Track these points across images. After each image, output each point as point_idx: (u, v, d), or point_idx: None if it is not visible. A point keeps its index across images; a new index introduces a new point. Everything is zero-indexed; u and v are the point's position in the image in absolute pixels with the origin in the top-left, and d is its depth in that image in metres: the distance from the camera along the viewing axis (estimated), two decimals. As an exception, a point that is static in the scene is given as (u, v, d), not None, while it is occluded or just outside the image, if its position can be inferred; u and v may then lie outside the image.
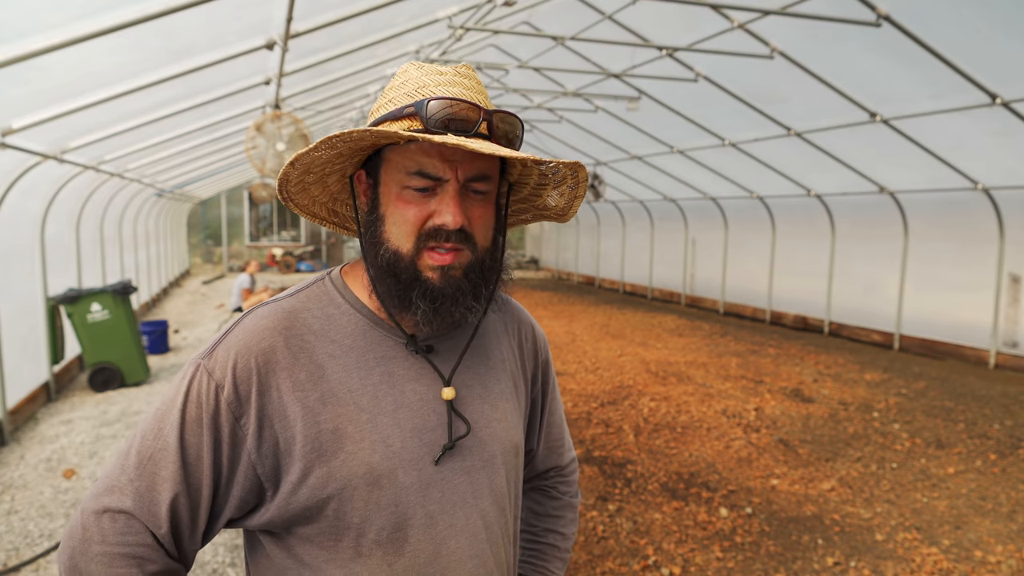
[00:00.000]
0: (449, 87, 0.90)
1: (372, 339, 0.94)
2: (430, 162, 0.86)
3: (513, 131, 0.91)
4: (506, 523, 1.00)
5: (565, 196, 1.00)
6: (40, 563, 3.33)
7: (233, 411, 0.85)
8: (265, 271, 18.57)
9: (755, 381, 6.84)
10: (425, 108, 0.85)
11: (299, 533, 0.89)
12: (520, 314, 1.14)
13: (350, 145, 0.88)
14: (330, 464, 0.86)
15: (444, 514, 0.91)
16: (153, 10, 3.37)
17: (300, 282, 1.00)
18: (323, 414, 0.87)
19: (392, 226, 0.89)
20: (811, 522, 3.81)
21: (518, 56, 9.33)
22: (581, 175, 0.94)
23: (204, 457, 0.85)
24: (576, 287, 15.88)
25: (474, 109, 0.87)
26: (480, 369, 1.01)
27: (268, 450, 0.86)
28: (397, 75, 0.95)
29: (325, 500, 0.87)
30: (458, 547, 0.92)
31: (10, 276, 5.38)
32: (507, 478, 1.00)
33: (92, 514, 0.85)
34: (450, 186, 0.87)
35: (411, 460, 0.90)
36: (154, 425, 0.87)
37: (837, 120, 7.13)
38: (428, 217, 0.87)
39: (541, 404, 1.17)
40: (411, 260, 0.88)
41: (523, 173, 0.99)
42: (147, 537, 0.84)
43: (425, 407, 0.93)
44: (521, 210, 1.08)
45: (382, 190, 0.91)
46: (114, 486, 0.85)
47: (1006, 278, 7.42)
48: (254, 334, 0.89)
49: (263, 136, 5.82)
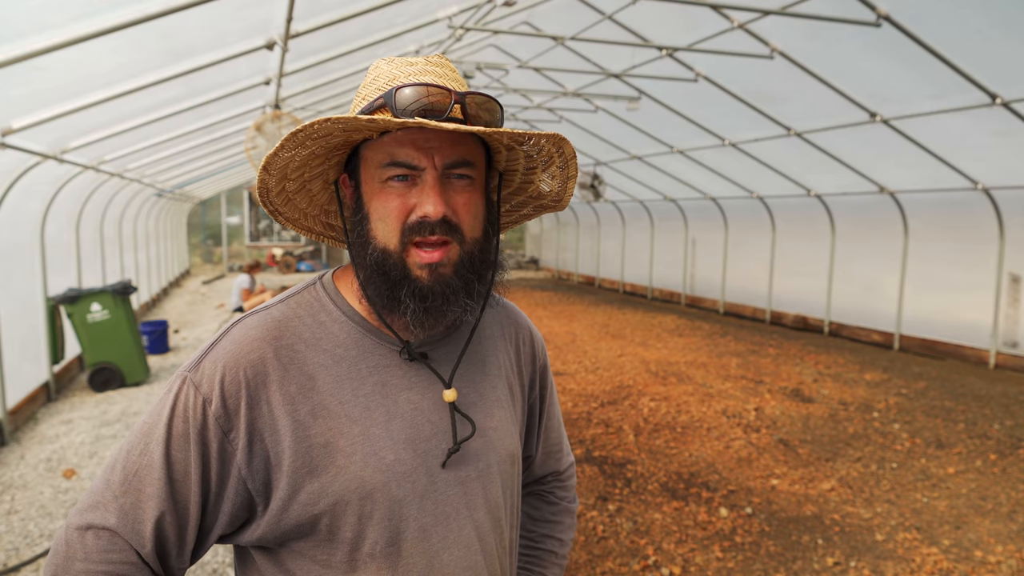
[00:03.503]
0: (420, 76, 0.87)
1: (365, 348, 0.91)
2: (404, 151, 0.83)
3: (491, 113, 0.87)
4: (501, 534, 0.98)
5: (557, 179, 0.96)
6: (40, 563, 3.33)
7: (221, 425, 0.83)
8: (264, 271, 18.57)
9: (755, 381, 6.84)
10: (394, 97, 0.83)
11: (292, 547, 0.88)
12: (517, 318, 1.12)
13: (320, 143, 0.84)
14: (321, 479, 0.84)
15: (438, 526, 0.89)
16: (153, 10, 3.37)
17: (291, 288, 0.97)
18: (314, 428, 0.85)
19: (377, 222, 0.86)
20: (811, 522, 3.81)
21: (518, 56, 9.33)
22: (567, 151, 0.90)
23: (191, 473, 0.82)
24: (576, 287, 15.88)
25: (444, 93, 0.83)
26: (476, 376, 0.98)
27: (259, 465, 0.84)
28: (369, 72, 0.92)
29: (318, 516, 0.85)
30: (451, 559, 0.90)
31: (10, 276, 5.38)
32: (503, 488, 0.98)
33: (76, 530, 0.83)
34: (428, 175, 0.84)
35: (404, 472, 0.87)
36: (140, 440, 0.84)
37: (837, 120, 7.13)
38: (411, 210, 0.84)
39: (539, 410, 1.14)
40: (399, 257, 0.85)
41: (510, 159, 0.96)
42: (131, 555, 0.82)
43: (419, 416, 0.90)
44: (520, 204, 1.05)
45: (364, 188, 0.88)
46: (99, 502, 0.83)
47: (1006, 278, 7.42)
48: (243, 345, 0.86)
49: (263, 136, 5.82)
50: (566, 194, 0.98)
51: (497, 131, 0.83)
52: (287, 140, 0.82)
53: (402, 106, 0.82)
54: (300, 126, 0.79)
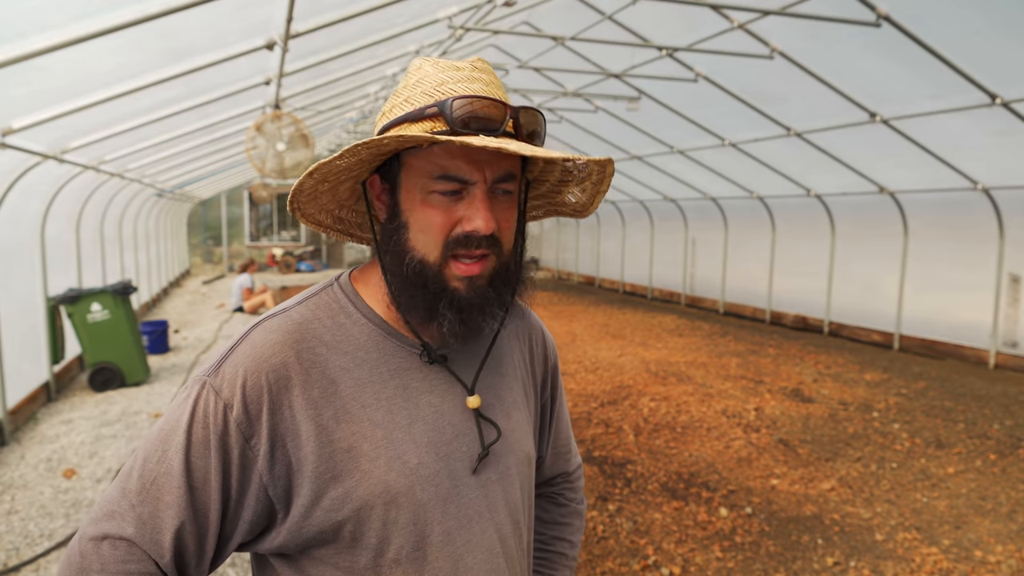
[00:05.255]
0: (469, 83, 0.85)
1: (386, 350, 0.90)
2: (456, 164, 0.81)
3: (537, 127, 0.87)
4: (520, 536, 0.97)
5: (587, 192, 0.96)
6: (40, 563, 3.33)
7: (243, 431, 0.81)
8: (264, 271, 18.57)
9: (755, 381, 6.84)
10: (450, 108, 0.81)
11: (313, 555, 0.86)
12: (530, 319, 1.12)
13: (372, 151, 0.83)
14: (345, 484, 0.82)
15: (461, 530, 0.89)
16: (153, 10, 3.37)
17: (307, 289, 0.96)
18: (337, 432, 0.84)
19: (418, 233, 0.84)
20: (811, 522, 3.81)
21: (518, 56, 9.33)
22: (609, 170, 0.90)
23: (212, 480, 0.80)
24: (576, 287, 15.88)
25: (499, 107, 0.82)
26: (494, 379, 0.98)
27: (280, 471, 0.82)
28: (410, 72, 0.89)
29: (341, 522, 0.83)
30: (475, 563, 0.90)
31: (10, 276, 5.38)
32: (521, 489, 0.97)
33: (91, 540, 0.80)
34: (478, 189, 0.82)
35: (428, 476, 0.86)
36: (158, 447, 0.82)
37: (837, 120, 7.14)
38: (455, 223, 0.83)
39: (550, 410, 1.14)
40: (438, 269, 0.84)
41: (544, 170, 0.96)
42: (149, 565, 0.79)
43: (440, 420, 0.90)
44: (535, 207, 1.04)
45: (403, 196, 0.86)
46: (115, 511, 0.80)
47: (1006, 278, 7.42)
48: (264, 349, 0.84)
49: (263, 136, 5.82)
50: (592, 206, 0.98)
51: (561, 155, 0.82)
52: (348, 151, 0.81)
53: (456, 117, 0.81)
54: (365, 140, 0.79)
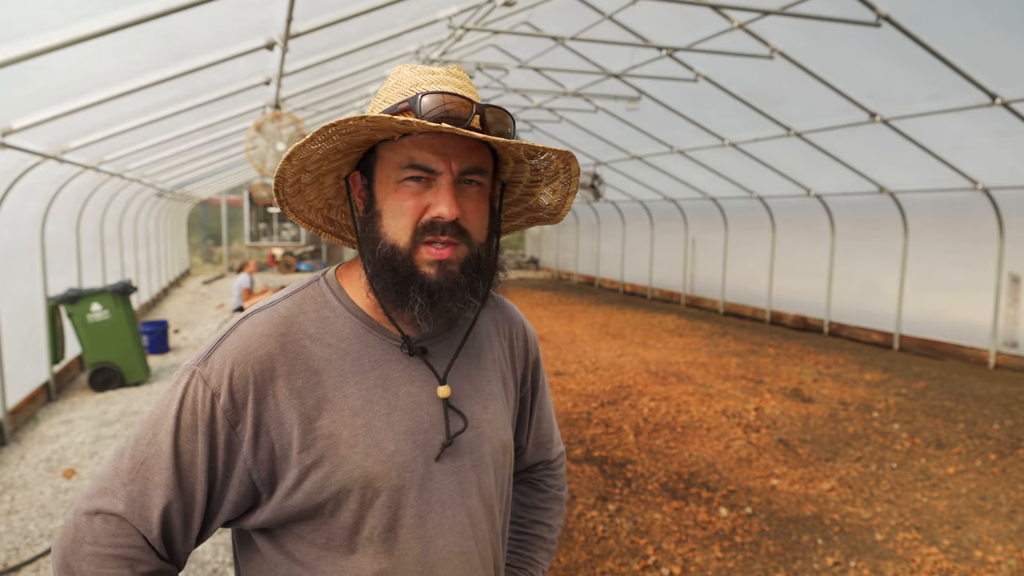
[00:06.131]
0: (442, 85, 0.91)
1: (367, 342, 0.94)
2: (423, 155, 0.87)
3: (504, 126, 0.91)
4: (493, 520, 1.02)
5: (558, 193, 1.01)
6: (40, 563, 3.33)
7: (229, 419, 0.86)
8: (264, 271, 18.57)
9: (755, 381, 6.84)
10: (419, 102, 0.87)
11: (292, 530, 0.91)
12: (512, 313, 1.16)
13: (346, 139, 0.88)
14: (325, 468, 0.88)
15: (433, 513, 0.94)
16: (153, 10, 3.37)
17: (294, 283, 1.00)
18: (319, 420, 0.88)
19: (390, 220, 0.90)
20: (811, 522, 3.81)
21: (518, 56, 9.33)
22: (573, 168, 0.95)
23: (198, 463, 0.86)
24: (576, 287, 15.88)
25: (466, 103, 0.88)
26: (471, 371, 1.02)
27: (264, 456, 0.87)
28: (390, 76, 0.96)
29: (321, 503, 0.88)
30: (445, 545, 0.94)
31: (10, 276, 5.38)
32: (495, 477, 1.02)
33: (84, 515, 0.86)
34: (444, 178, 0.88)
35: (404, 462, 0.91)
36: (148, 430, 0.87)
37: (837, 120, 7.14)
38: (424, 209, 0.88)
39: (531, 402, 1.19)
40: (408, 254, 0.89)
41: (515, 171, 1.00)
42: (138, 539, 0.85)
43: (418, 409, 0.94)
44: (515, 214, 1.09)
45: (377, 187, 0.92)
46: (107, 488, 0.86)
47: (1006, 278, 7.42)
48: (251, 341, 0.89)
49: (263, 136, 5.83)
50: (564, 208, 1.03)
51: (516, 143, 0.87)
52: (318, 133, 0.85)
53: (426, 112, 0.86)
54: (334, 121, 0.83)
